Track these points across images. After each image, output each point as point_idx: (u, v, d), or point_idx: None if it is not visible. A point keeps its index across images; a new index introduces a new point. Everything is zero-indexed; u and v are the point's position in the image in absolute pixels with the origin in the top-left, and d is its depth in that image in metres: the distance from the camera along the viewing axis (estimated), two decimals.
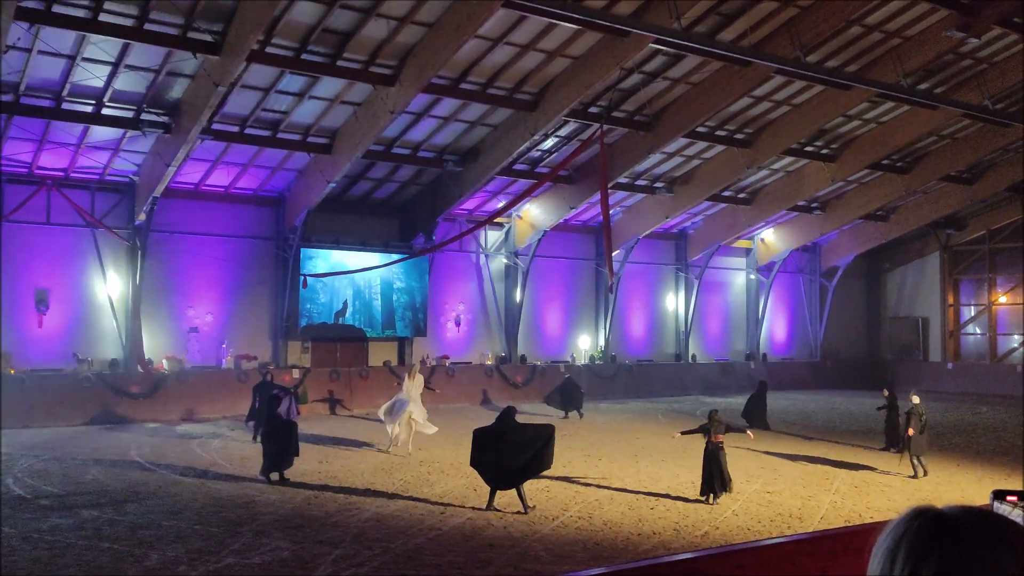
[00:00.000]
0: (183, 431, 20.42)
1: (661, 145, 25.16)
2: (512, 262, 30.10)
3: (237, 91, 20.35)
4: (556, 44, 20.66)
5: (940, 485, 14.88)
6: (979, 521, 1.32)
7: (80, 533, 10.75)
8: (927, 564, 1.29)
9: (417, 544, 10.48)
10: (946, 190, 32.75)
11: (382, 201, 27.90)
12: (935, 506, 1.36)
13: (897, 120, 26.91)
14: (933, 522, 1.33)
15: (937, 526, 1.32)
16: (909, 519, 1.35)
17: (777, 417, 24.21)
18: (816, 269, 37.46)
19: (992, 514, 1.36)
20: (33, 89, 19.36)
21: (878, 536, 1.38)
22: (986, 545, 1.28)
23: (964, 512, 1.33)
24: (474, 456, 12.60)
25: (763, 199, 31.42)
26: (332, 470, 15.42)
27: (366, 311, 27.02)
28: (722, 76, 22.64)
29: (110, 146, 22.01)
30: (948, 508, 1.35)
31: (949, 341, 37.79)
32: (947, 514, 1.34)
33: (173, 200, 23.92)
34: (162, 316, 24.39)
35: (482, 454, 12.46)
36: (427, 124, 23.61)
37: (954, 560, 1.27)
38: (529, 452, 12.32)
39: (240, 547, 10.20)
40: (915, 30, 22.13)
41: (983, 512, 1.35)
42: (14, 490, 13.37)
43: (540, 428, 12.82)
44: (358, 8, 18.30)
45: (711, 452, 13.17)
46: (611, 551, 10.37)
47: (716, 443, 13.21)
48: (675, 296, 34.38)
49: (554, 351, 31.24)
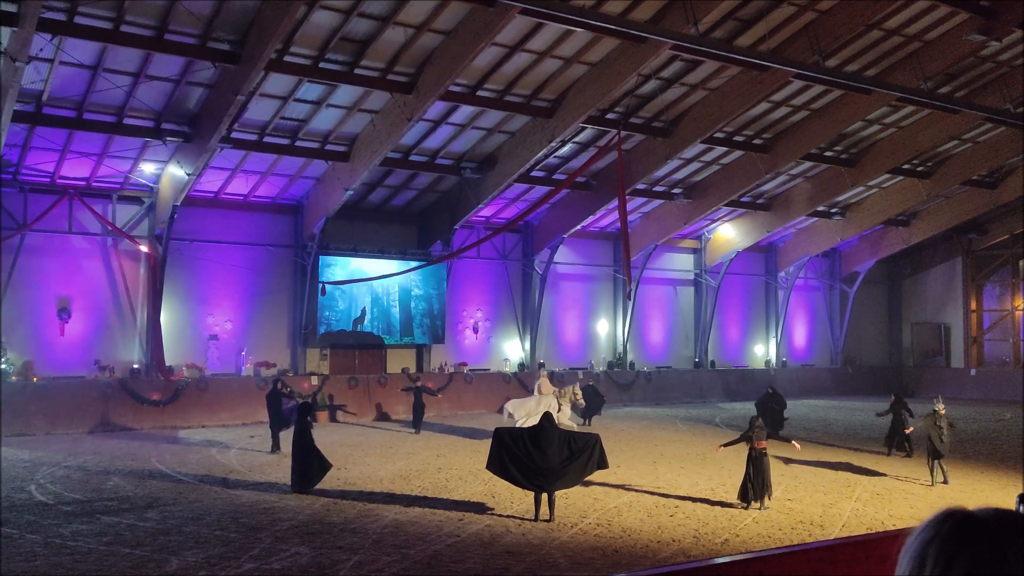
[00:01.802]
0: (203, 438, 20.53)
1: (679, 151, 25.09)
2: (532, 269, 30.09)
3: (256, 100, 20.49)
4: (573, 51, 20.66)
5: (964, 492, 14.69)
6: (1010, 523, 1.30)
7: (101, 539, 10.82)
8: (957, 565, 1.26)
9: (435, 551, 10.46)
10: (968, 195, 32.44)
11: (400, 208, 27.98)
12: (965, 507, 1.34)
13: (918, 124, 26.70)
14: (963, 523, 1.31)
15: (968, 527, 1.30)
16: (940, 521, 1.33)
17: (798, 424, 24.02)
18: (836, 275, 37.21)
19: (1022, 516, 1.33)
20: (55, 99, 19.59)
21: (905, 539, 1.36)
22: (1017, 547, 1.26)
23: (995, 514, 1.31)
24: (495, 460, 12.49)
25: (782, 205, 31.26)
26: (350, 476, 15.44)
27: (384, 318, 27.09)
28: (740, 81, 22.55)
29: (131, 156, 22.22)
30: (979, 510, 1.33)
31: (972, 347, 37.39)
32: (977, 516, 1.31)
33: (193, 208, 24.13)
34: (182, 324, 24.57)
35: (512, 458, 12.33)
36: (444, 131, 23.68)
37: (985, 562, 1.25)
38: (581, 459, 12.29)
39: (259, 553, 10.22)
40: (935, 33, 21.96)
41: (1014, 514, 1.32)
42: (36, 496, 13.48)
43: (588, 436, 12.80)
44: (376, 16, 18.40)
45: (755, 459, 13.10)
46: (630, 558, 10.30)
47: (760, 449, 13.13)
48: (693, 302, 34.24)
49: (573, 358, 31.17)
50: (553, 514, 12.19)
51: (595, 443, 12.51)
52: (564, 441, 12.35)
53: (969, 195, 32.43)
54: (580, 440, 12.58)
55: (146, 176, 23.25)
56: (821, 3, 20.00)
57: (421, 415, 22.10)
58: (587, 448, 12.40)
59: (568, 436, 12.66)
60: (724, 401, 31.58)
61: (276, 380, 20.26)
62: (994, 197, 32.10)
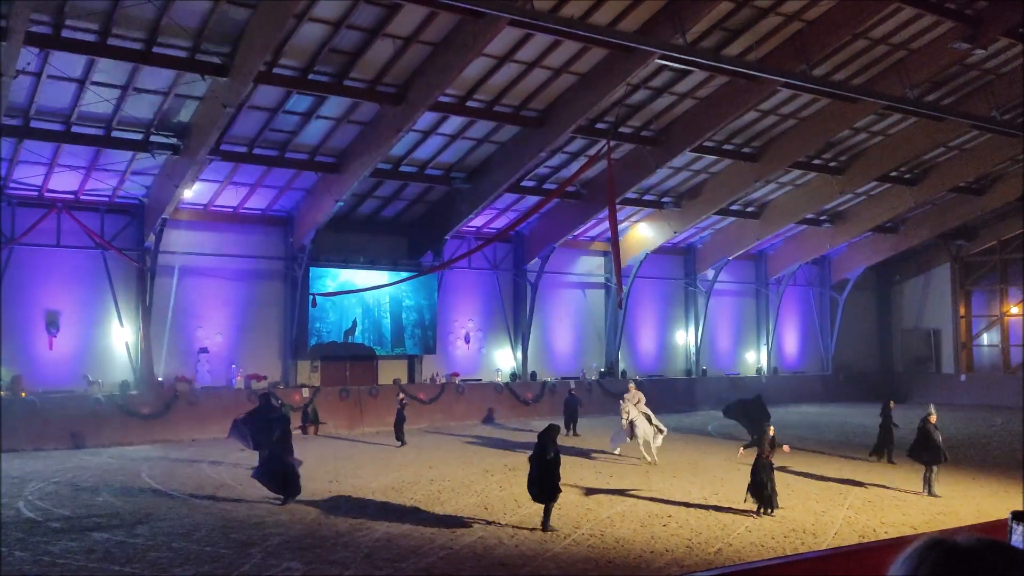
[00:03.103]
0: (193, 452, 20.41)
1: (668, 160, 25.18)
2: (521, 279, 30.09)
3: (245, 112, 20.47)
4: (562, 61, 20.73)
5: (955, 500, 14.72)
6: (994, 552, 1.30)
7: (91, 556, 10.73)
8: None
9: (428, 563, 10.42)
10: (956, 201, 32.64)
11: (390, 219, 27.96)
12: (950, 537, 1.34)
13: (905, 132, 26.88)
14: (948, 554, 1.30)
15: (952, 558, 1.30)
16: (924, 549, 1.33)
17: (790, 432, 24.04)
18: (826, 282, 37.33)
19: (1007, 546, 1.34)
20: (43, 113, 19.52)
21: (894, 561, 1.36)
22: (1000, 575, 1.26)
23: (979, 543, 1.31)
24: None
25: (771, 213, 31.38)
26: (342, 489, 15.37)
27: (375, 329, 27.02)
28: (728, 90, 22.66)
29: (119, 168, 22.15)
30: (963, 539, 1.33)
31: (962, 353, 37.54)
32: (963, 546, 1.31)
33: (182, 221, 24.03)
34: (172, 337, 24.43)
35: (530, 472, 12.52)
36: (434, 142, 23.70)
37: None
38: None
39: (250, 569, 10.15)
40: (921, 42, 22.13)
41: (998, 544, 1.32)
42: (25, 513, 13.37)
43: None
44: (365, 28, 18.41)
45: (765, 466, 13.19)
46: (623, 569, 10.27)
47: (766, 460, 13.27)
48: (684, 310, 34.29)
49: (565, 368, 31.15)
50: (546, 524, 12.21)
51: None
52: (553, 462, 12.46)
53: (957, 201, 32.63)
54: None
55: (134, 189, 23.17)
56: (808, 13, 20.14)
57: (402, 426, 22.09)
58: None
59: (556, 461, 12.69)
60: (716, 409, 31.56)
61: (266, 394, 19.69)
62: (982, 203, 32.30)
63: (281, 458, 14.24)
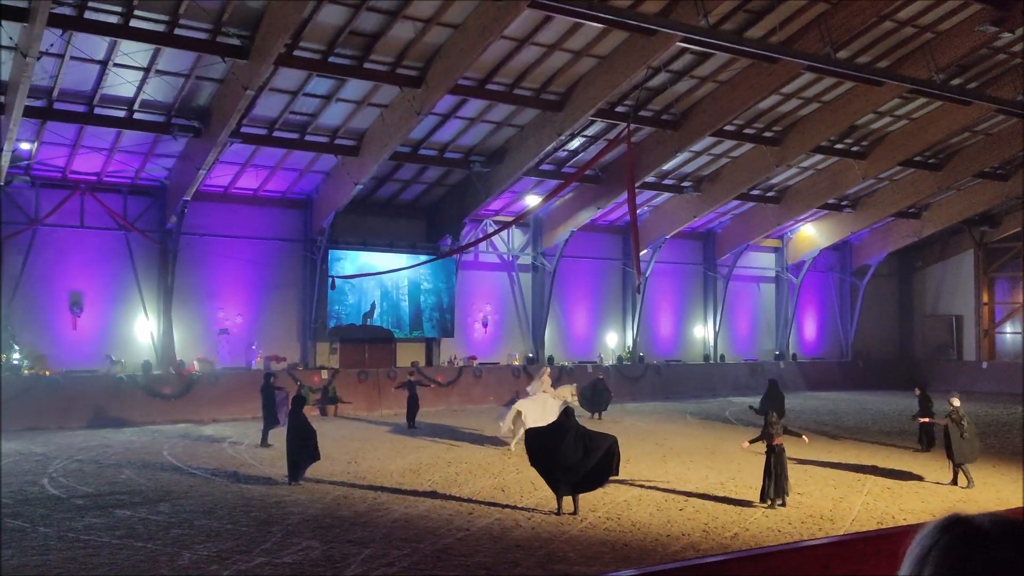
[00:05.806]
0: (214, 432, 20.64)
1: (688, 144, 25.01)
2: (539, 263, 30.08)
3: (265, 94, 20.52)
4: (582, 44, 20.61)
5: (975, 488, 14.61)
6: (1011, 533, 1.29)
7: (114, 532, 10.90)
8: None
9: (446, 544, 10.50)
10: (980, 187, 32.22)
11: (409, 202, 28.00)
12: (967, 516, 1.34)
13: (929, 116, 26.52)
14: (964, 533, 1.30)
15: (968, 537, 1.29)
16: (940, 529, 1.33)
17: (808, 417, 23.97)
18: (847, 268, 37.05)
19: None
20: (66, 94, 19.67)
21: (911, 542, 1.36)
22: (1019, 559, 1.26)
23: (995, 523, 1.31)
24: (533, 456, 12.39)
25: (792, 197, 31.13)
26: (361, 470, 15.50)
27: (394, 312, 27.14)
28: (750, 73, 22.45)
29: (142, 150, 22.30)
30: (979, 518, 1.32)
31: (984, 340, 37.19)
32: (980, 524, 1.31)
33: (203, 203, 24.19)
34: (193, 318, 24.67)
35: (540, 455, 12.23)
36: (454, 125, 23.67)
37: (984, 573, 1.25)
38: (592, 460, 12.00)
39: (271, 546, 10.28)
40: (948, 25, 21.80)
41: (1015, 523, 1.32)
42: (49, 490, 13.59)
43: (603, 437, 12.40)
44: (384, 10, 18.38)
45: (775, 455, 13.00)
46: (639, 553, 10.31)
47: (778, 446, 13.03)
48: (703, 296, 34.17)
49: (582, 352, 31.16)
50: (577, 507, 12.17)
51: (610, 446, 12.16)
52: (581, 439, 12.15)
53: (981, 187, 32.21)
54: (595, 440, 12.22)
55: (156, 171, 23.33)
56: None
57: (415, 410, 21.86)
58: (600, 450, 12.05)
59: (585, 434, 12.28)
60: (734, 395, 31.51)
61: (268, 374, 19.82)
62: (1006, 189, 31.86)
63: (287, 439, 14.48)
